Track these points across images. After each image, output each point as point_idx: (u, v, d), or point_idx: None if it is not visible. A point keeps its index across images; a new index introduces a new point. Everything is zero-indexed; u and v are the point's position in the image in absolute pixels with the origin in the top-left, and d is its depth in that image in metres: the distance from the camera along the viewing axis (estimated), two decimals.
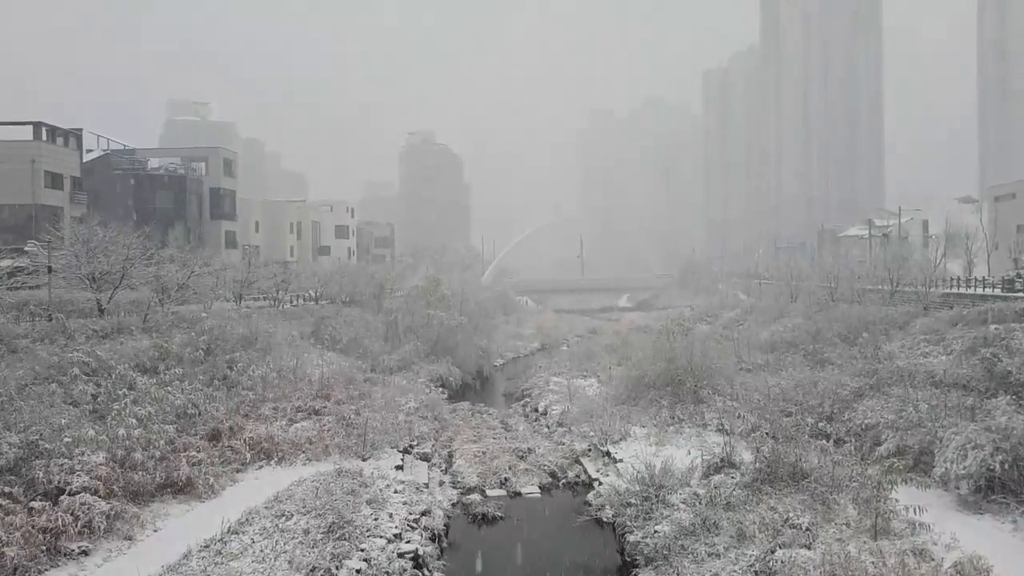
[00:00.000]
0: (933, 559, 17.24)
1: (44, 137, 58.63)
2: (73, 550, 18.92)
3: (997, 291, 48.23)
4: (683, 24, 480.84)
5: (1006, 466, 21.46)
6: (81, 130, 65.41)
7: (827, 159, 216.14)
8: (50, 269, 36.87)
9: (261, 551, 19.03)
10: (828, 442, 25.58)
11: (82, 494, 20.39)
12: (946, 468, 22.43)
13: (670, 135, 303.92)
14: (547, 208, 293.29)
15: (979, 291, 49.61)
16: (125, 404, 26.54)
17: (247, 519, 21.38)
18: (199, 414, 29.01)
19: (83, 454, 22.17)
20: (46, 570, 18.01)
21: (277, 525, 20.91)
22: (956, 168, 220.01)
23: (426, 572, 20.30)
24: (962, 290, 51.43)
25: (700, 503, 21.99)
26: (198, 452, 26.05)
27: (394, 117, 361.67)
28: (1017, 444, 21.67)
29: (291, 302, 58.07)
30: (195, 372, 32.39)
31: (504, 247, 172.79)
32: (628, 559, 21.49)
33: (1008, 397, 25.11)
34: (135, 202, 68.96)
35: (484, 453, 32.41)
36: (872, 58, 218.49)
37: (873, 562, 16.71)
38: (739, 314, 69.89)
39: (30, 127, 58.17)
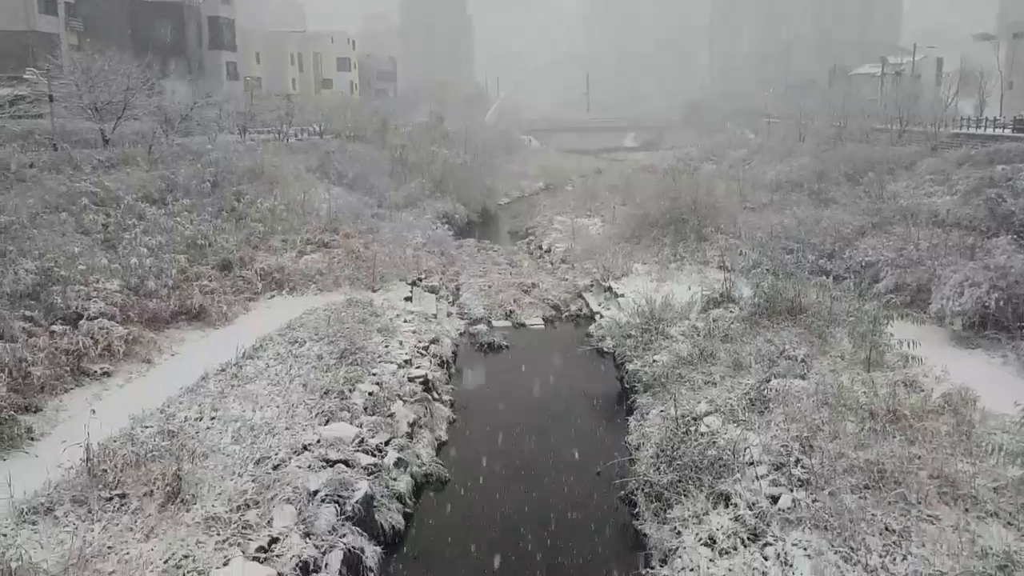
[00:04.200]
0: (923, 390, 17.71)
1: None
2: (95, 371, 19.57)
3: (1007, 131, 47.55)
4: None
5: (1000, 303, 21.78)
6: None
7: None
8: (51, 98, 36.34)
9: (276, 375, 19.58)
10: (828, 279, 25.86)
11: (100, 319, 20.91)
12: (942, 304, 22.82)
13: None
14: (551, 45, 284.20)
15: (989, 131, 48.92)
16: (135, 234, 26.91)
17: (261, 345, 21.94)
18: (209, 245, 29.37)
19: (98, 281, 22.63)
20: (71, 388, 18.72)
21: (291, 351, 21.46)
22: (977, 7, 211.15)
23: (435, 395, 21.11)
24: (972, 130, 50.70)
25: (698, 335, 22.58)
26: (210, 282, 26.55)
27: None
28: (1013, 282, 21.99)
29: (296, 136, 57.58)
30: (203, 204, 32.61)
31: (507, 85, 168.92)
32: (627, 386, 22.26)
33: (1009, 237, 25.33)
34: (132, 30, 66.95)
35: (490, 287, 33.12)
36: None
37: (864, 392, 17.16)
38: (746, 154, 69.03)
39: None
